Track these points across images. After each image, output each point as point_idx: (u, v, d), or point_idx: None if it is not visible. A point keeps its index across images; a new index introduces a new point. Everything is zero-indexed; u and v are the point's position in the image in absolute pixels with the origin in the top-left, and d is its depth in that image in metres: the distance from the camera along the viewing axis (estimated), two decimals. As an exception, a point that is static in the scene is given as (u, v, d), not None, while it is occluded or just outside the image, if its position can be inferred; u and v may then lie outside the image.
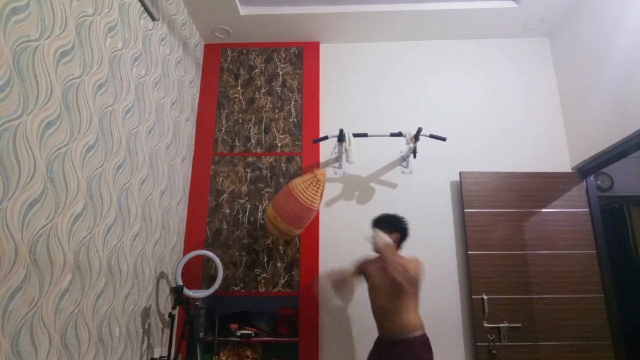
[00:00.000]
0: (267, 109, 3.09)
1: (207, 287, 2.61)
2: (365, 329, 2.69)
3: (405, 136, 2.71)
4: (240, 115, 3.08)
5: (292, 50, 3.24)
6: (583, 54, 2.78)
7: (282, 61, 3.21)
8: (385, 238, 2.18)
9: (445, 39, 3.26)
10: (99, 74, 1.82)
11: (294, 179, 2.50)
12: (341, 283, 2.57)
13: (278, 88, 3.14)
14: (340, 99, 3.17)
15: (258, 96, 3.12)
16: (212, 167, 2.96)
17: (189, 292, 2.37)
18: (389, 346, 2.13)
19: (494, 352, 2.49)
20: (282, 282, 2.71)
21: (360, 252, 2.80)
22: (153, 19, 2.33)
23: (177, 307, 2.26)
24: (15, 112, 1.34)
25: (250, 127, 3.05)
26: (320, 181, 2.45)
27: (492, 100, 3.10)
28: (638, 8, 2.29)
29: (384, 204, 2.91)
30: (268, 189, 2.89)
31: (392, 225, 2.30)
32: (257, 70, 3.19)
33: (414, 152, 2.75)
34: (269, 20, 2.99)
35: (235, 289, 2.70)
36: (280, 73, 3.18)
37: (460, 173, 2.85)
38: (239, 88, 3.15)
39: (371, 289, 2.29)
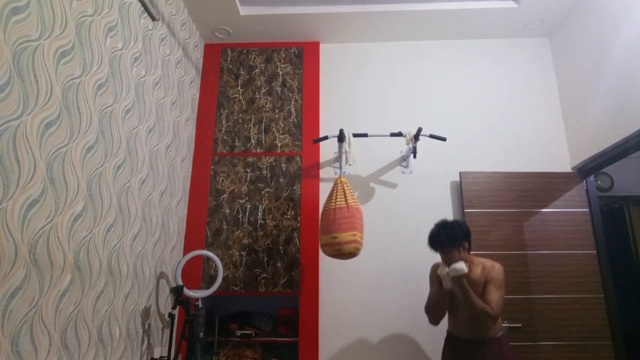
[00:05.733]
0: (267, 109, 3.09)
1: (207, 287, 2.61)
2: (365, 329, 2.69)
3: (405, 136, 2.71)
4: (240, 115, 3.08)
5: (292, 50, 3.24)
6: (583, 54, 2.78)
7: (282, 61, 3.21)
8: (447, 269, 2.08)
9: (445, 39, 3.26)
10: (99, 74, 1.82)
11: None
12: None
13: (278, 88, 3.14)
14: (340, 99, 3.17)
15: (258, 96, 3.12)
16: (212, 167, 2.96)
17: (189, 292, 2.37)
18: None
19: (494, 352, 2.49)
20: (282, 282, 2.71)
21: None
22: (153, 19, 2.33)
23: (177, 307, 2.25)
24: (15, 112, 1.34)
25: (250, 127, 3.05)
26: (336, 183, 2.46)
27: (492, 100, 3.10)
28: (638, 8, 2.29)
29: (384, 204, 2.91)
30: (268, 189, 2.89)
31: (455, 239, 2.08)
32: (257, 70, 3.19)
33: (414, 152, 2.75)
34: (269, 20, 2.99)
35: (235, 289, 2.70)
36: (280, 73, 3.18)
37: (460, 173, 2.85)
38: (239, 88, 3.15)
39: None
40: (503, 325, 2.54)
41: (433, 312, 2.21)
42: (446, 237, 2.08)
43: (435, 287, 2.23)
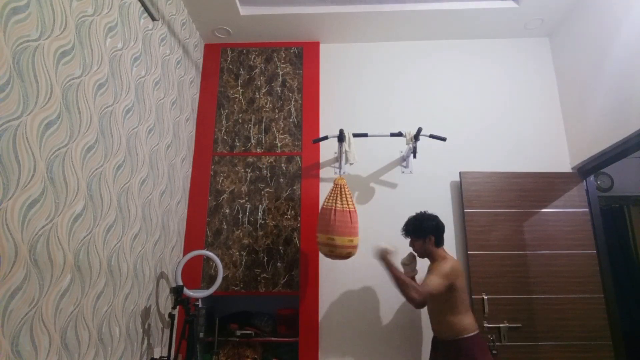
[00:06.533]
0: (267, 109, 3.09)
1: (207, 287, 2.61)
2: (365, 329, 2.69)
3: (405, 136, 2.71)
4: (240, 115, 3.08)
5: (292, 50, 3.24)
6: (583, 54, 2.78)
7: (282, 61, 3.21)
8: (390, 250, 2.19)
9: (445, 39, 3.26)
10: (99, 74, 1.82)
11: (324, 201, 2.48)
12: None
13: (278, 88, 3.14)
14: (340, 98, 3.17)
15: (258, 96, 3.12)
16: (212, 167, 2.96)
17: (189, 292, 2.37)
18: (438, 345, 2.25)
19: (494, 352, 2.49)
20: (282, 282, 2.71)
21: (360, 252, 2.80)
22: (153, 19, 2.33)
23: (177, 307, 2.25)
24: (15, 112, 1.34)
25: (250, 127, 3.05)
26: (338, 184, 2.47)
27: (492, 100, 3.10)
28: (638, 8, 2.29)
29: (384, 204, 2.91)
30: (268, 189, 2.89)
31: (421, 230, 2.25)
32: (257, 70, 3.19)
33: (414, 152, 2.75)
34: (269, 20, 2.99)
35: (235, 289, 2.70)
36: (280, 73, 3.18)
37: (460, 173, 2.85)
38: (239, 88, 3.15)
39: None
40: (504, 325, 2.55)
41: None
42: (413, 227, 2.28)
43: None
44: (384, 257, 2.16)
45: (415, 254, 2.32)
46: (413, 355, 2.64)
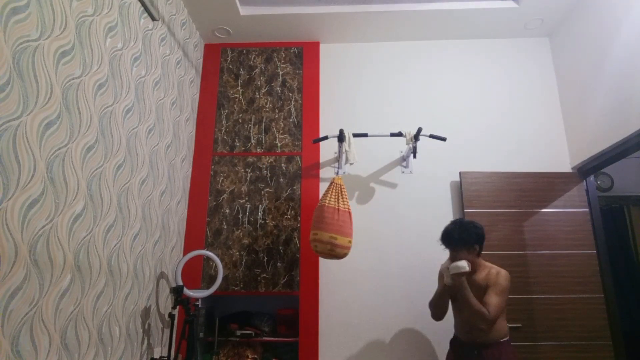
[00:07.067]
0: (267, 109, 3.09)
1: (207, 287, 2.61)
2: (365, 329, 2.69)
3: (405, 136, 2.71)
4: (240, 115, 3.08)
5: (292, 50, 3.24)
6: (583, 54, 2.78)
7: (282, 61, 3.21)
8: (460, 266, 2.00)
9: (445, 39, 3.26)
10: (99, 74, 1.82)
11: (322, 199, 2.44)
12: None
13: (278, 88, 3.14)
14: (340, 98, 3.17)
15: (258, 96, 3.12)
16: (212, 167, 2.96)
17: (189, 292, 2.37)
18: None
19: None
20: (282, 282, 2.71)
21: (359, 252, 2.80)
22: (153, 19, 2.33)
23: (177, 307, 2.26)
24: (15, 112, 1.34)
25: (250, 127, 3.05)
26: (338, 184, 2.47)
27: (492, 100, 3.10)
28: (638, 8, 2.29)
29: (384, 204, 2.91)
30: (268, 189, 2.89)
31: (468, 239, 2.08)
32: (257, 70, 3.19)
33: (414, 152, 2.75)
34: (269, 20, 2.99)
35: (235, 289, 2.70)
36: (280, 73, 3.18)
37: (460, 173, 2.85)
38: (239, 88, 3.15)
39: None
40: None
41: (434, 308, 2.24)
42: (459, 237, 2.09)
43: (440, 283, 2.24)
44: (461, 276, 2.02)
45: (466, 264, 2.00)
46: (413, 355, 2.64)
